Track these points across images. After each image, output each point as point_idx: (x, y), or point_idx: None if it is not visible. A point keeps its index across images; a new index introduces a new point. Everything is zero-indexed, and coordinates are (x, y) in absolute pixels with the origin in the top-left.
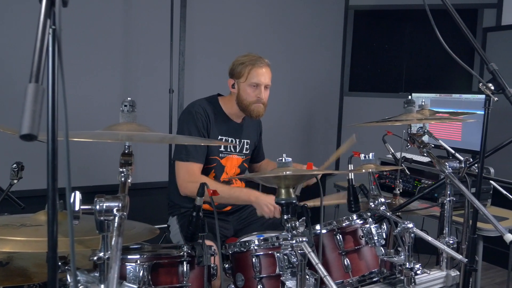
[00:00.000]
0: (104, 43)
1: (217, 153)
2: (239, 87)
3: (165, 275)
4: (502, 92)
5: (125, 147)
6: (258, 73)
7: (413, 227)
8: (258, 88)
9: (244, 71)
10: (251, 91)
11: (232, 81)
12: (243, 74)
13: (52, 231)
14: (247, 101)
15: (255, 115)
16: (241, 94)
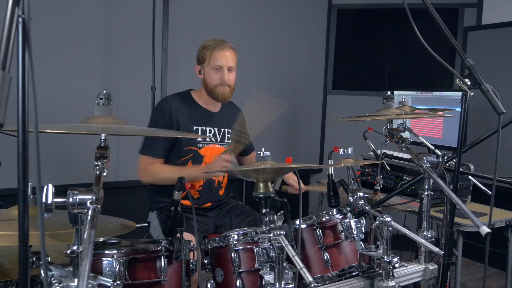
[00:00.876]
0: (85, 40)
1: (195, 144)
2: (204, 72)
3: (142, 270)
4: (478, 87)
5: (100, 140)
6: (220, 56)
7: (391, 220)
8: (221, 70)
9: (206, 55)
10: (214, 74)
11: (198, 67)
12: (206, 58)
13: (23, 224)
14: (211, 85)
15: (221, 98)
16: (206, 79)
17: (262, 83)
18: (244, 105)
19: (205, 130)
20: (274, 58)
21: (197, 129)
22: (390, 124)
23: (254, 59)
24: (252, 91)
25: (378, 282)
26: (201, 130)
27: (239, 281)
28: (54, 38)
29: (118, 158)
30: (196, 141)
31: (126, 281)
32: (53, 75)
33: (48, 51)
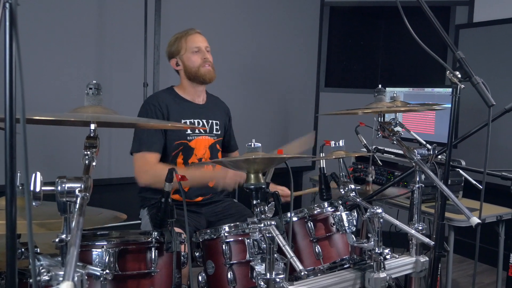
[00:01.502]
0: (78, 36)
1: (184, 137)
2: (183, 60)
3: (132, 262)
4: (469, 79)
5: (90, 130)
6: (195, 39)
7: (382, 212)
8: (200, 51)
9: (181, 43)
10: (195, 57)
11: (174, 60)
12: (182, 46)
13: (11, 211)
14: (195, 67)
15: (208, 77)
16: (187, 65)
17: (254, 81)
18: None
19: (194, 122)
20: (267, 56)
21: (186, 122)
22: (381, 118)
23: (247, 57)
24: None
25: (369, 273)
26: (190, 122)
27: (230, 273)
28: (46, 35)
29: (110, 155)
30: (185, 134)
31: (116, 272)
32: (44, 72)
33: (40, 48)
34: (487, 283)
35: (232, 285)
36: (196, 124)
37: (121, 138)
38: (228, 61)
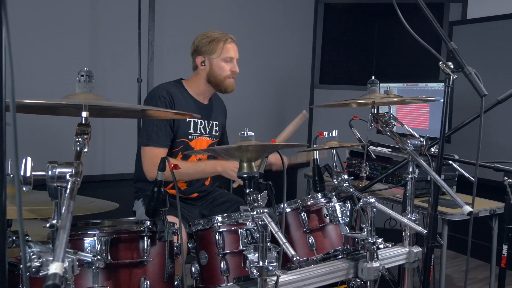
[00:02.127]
0: (71, 32)
1: (186, 135)
2: (212, 63)
3: (125, 250)
4: (461, 70)
5: (82, 117)
6: (232, 48)
7: (375, 202)
8: (231, 62)
9: (217, 46)
10: (225, 66)
11: (201, 58)
12: (216, 50)
13: (1, 198)
14: (222, 76)
15: (230, 89)
16: (214, 70)
17: (248, 78)
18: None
19: (197, 122)
20: (261, 53)
21: (190, 121)
22: (374, 109)
23: (241, 54)
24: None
25: (362, 263)
26: (194, 122)
27: (223, 262)
28: (39, 31)
29: (104, 151)
30: (188, 133)
31: (108, 260)
32: (38, 69)
33: (32, 44)
34: (480, 279)
35: (225, 275)
36: (199, 124)
37: (115, 134)
38: None
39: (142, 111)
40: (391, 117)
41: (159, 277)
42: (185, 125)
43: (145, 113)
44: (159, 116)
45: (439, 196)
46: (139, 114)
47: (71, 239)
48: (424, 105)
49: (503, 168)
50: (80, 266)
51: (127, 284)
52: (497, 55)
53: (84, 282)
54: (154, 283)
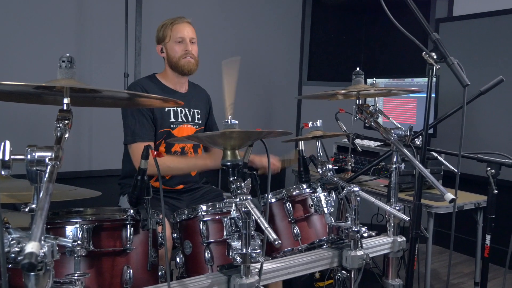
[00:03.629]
0: (57, 27)
1: (168, 125)
2: (167, 48)
3: (107, 239)
4: (444, 60)
5: (63, 104)
6: (181, 28)
7: (358, 190)
8: (183, 42)
9: (167, 31)
10: (177, 47)
11: (159, 47)
12: (167, 34)
13: None
14: (176, 58)
15: (187, 69)
16: (169, 54)
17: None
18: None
19: (177, 110)
20: (249, 50)
21: (169, 110)
22: (359, 100)
23: (228, 50)
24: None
25: (347, 252)
26: (173, 111)
27: (207, 252)
28: (24, 26)
29: (90, 147)
30: (169, 122)
31: (90, 248)
32: (24, 64)
33: (16, 40)
34: (466, 273)
35: (210, 264)
36: (179, 112)
37: (101, 131)
38: (211, 53)
39: (129, 99)
40: (376, 110)
41: (142, 265)
42: (165, 115)
43: (130, 101)
44: (144, 103)
45: (425, 190)
46: (124, 102)
47: (53, 227)
48: (411, 100)
49: (486, 158)
50: (62, 255)
51: (109, 272)
52: (483, 52)
53: (66, 271)
54: (137, 272)
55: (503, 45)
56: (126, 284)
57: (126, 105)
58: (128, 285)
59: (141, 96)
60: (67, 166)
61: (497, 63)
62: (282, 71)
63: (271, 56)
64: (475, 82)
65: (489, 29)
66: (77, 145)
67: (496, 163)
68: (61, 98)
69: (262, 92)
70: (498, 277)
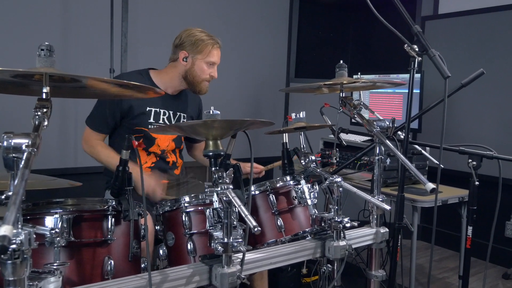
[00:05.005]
0: (42, 22)
1: (145, 124)
2: (194, 62)
3: (88, 229)
4: (426, 53)
5: (42, 92)
6: (216, 54)
7: (341, 181)
8: (213, 67)
9: (204, 48)
10: (207, 69)
11: (185, 54)
12: (202, 51)
13: None
14: (200, 78)
15: (204, 91)
16: (195, 70)
17: (224, 72)
18: None
19: (159, 112)
20: (236, 47)
21: (150, 110)
22: (342, 93)
23: None
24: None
25: (329, 242)
26: (155, 111)
27: (190, 243)
28: (9, 22)
29: (76, 144)
30: (147, 122)
31: (70, 238)
32: (7, 61)
33: (2, 36)
34: (451, 267)
35: (192, 255)
36: (162, 114)
37: None
38: None
39: (112, 90)
40: (361, 104)
41: (124, 256)
42: (144, 115)
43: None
44: (126, 94)
45: (411, 185)
46: (107, 93)
47: (32, 217)
48: (397, 96)
49: (468, 151)
50: (41, 245)
51: (90, 263)
52: (468, 49)
53: (46, 261)
54: (118, 263)
55: (488, 42)
56: (107, 275)
57: (109, 96)
58: (109, 276)
59: (118, 84)
60: (52, 163)
61: (481, 60)
62: (270, 68)
63: (259, 53)
64: (459, 78)
65: (474, 26)
66: (62, 142)
67: (477, 155)
68: (38, 89)
69: (250, 89)
70: (482, 272)
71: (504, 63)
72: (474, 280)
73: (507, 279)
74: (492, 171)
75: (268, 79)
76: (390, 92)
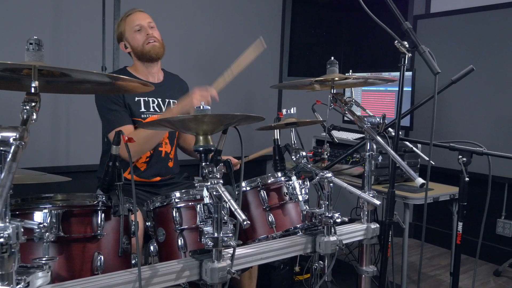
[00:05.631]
0: (33, 20)
1: (139, 114)
2: (129, 42)
3: (77, 224)
4: (416, 49)
5: (31, 86)
6: (135, 18)
7: (331, 176)
8: (142, 29)
9: (122, 25)
10: (138, 35)
11: (122, 44)
12: (124, 29)
13: None
14: (139, 46)
15: (154, 53)
16: (132, 45)
17: (216, 69)
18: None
19: (148, 100)
20: (229, 45)
21: (139, 100)
22: (333, 89)
23: (208, 45)
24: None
25: (320, 237)
26: (144, 101)
27: (180, 239)
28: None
29: (68, 142)
30: (140, 112)
31: (59, 233)
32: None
33: None
34: (443, 265)
35: (183, 250)
36: (151, 102)
37: (79, 125)
38: (189, 50)
39: (102, 84)
40: (353, 102)
41: (114, 252)
42: (135, 105)
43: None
44: (119, 88)
45: (403, 183)
46: (98, 88)
47: (21, 213)
48: (390, 94)
49: (458, 147)
50: (30, 241)
51: (80, 258)
52: (460, 48)
53: (35, 257)
54: (108, 258)
55: (479, 41)
56: (97, 270)
57: (100, 90)
58: (99, 271)
59: (113, 78)
60: (44, 161)
61: (473, 58)
62: (263, 67)
63: None
64: (451, 77)
65: (465, 25)
66: (54, 140)
67: (467, 151)
68: (27, 84)
69: (243, 88)
70: (473, 269)
71: (495, 61)
72: (465, 277)
73: (498, 276)
74: (483, 169)
75: (261, 78)
76: (382, 90)
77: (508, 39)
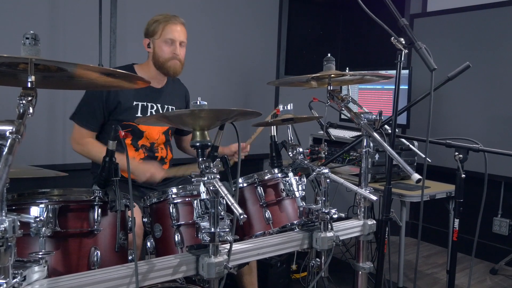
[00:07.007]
0: (29, 18)
1: (133, 119)
2: (154, 45)
3: (74, 219)
4: (412, 45)
5: (27, 82)
6: (173, 29)
7: (328, 172)
8: (173, 44)
9: (158, 28)
10: (166, 48)
11: (147, 41)
12: (157, 31)
13: None
14: (163, 58)
15: (172, 72)
16: (156, 52)
17: (213, 69)
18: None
19: (147, 106)
20: (226, 44)
21: (137, 104)
22: (330, 86)
23: (206, 44)
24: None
25: (317, 233)
26: (142, 106)
27: (177, 234)
28: None
29: (64, 140)
30: (135, 117)
31: (55, 228)
32: None
33: None
34: (440, 263)
35: (180, 246)
36: (149, 108)
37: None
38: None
39: (99, 80)
40: (349, 100)
41: (110, 247)
42: (132, 109)
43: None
44: (112, 85)
45: (400, 181)
46: (95, 83)
47: (18, 208)
48: (387, 92)
49: (454, 144)
50: (27, 236)
51: (76, 253)
52: (456, 46)
53: (31, 251)
54: (105, 253)
55: (476, 40)
56: (94, 265)
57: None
58: (96, 266)
59: (106, 73)
60: (40, 160)
61: (469, 56)
62: (260, 66)
63: (249, 51)
64: (447, 75)
65: (462, 24)
66: (50, 139)
67: (463, 148)
68: (23, 80)
69: (240, 86)
70: (469, 267)
71: (492, 59)
72: (462, 276)
73: (495, 274)
74: (479, 167)
75: (258, 76)
76: (379, 88)
77: (503, 37)
